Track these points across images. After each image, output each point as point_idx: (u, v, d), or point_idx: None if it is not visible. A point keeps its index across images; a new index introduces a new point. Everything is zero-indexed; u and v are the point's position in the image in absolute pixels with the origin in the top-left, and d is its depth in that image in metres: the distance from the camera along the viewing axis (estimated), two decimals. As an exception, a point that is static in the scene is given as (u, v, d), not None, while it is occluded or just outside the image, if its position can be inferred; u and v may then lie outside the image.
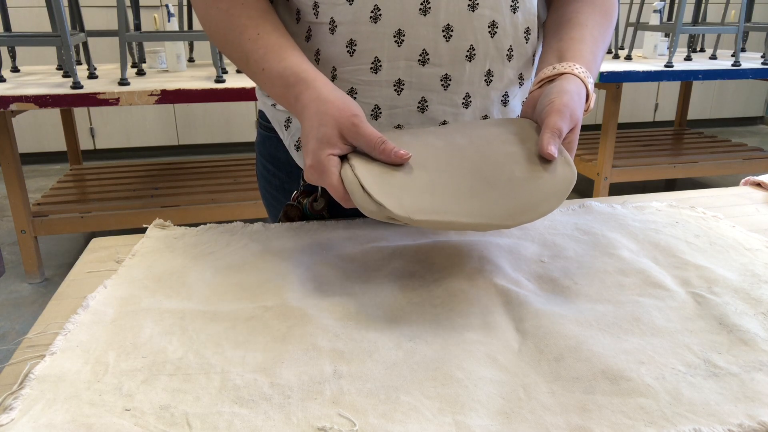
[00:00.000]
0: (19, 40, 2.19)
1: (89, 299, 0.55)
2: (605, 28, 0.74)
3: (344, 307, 0.54)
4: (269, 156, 0.83)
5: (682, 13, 2.54)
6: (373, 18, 0.66)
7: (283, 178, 0.82)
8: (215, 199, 2.45)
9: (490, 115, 0.73)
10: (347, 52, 0.68)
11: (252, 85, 2.08)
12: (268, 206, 0.88)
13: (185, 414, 0.41)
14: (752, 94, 4.86)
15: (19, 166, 2.22)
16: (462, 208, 0.54)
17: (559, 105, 0.61)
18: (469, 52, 0.68)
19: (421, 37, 0.66)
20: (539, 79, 0.67)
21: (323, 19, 0.68)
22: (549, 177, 0.57)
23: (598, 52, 0.71)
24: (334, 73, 0.70)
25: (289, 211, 0.77)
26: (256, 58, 0.66)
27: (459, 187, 0.56)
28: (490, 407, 0.42)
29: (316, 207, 0.76)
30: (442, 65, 0.68)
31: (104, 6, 3.68)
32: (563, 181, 0.57)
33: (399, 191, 0.54)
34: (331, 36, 0.68)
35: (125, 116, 3.92)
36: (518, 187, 0.56)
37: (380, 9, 0.65)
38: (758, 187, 0.89)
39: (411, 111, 0.70)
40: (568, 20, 0.72)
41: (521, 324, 0.51)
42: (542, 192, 0.56)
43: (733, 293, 0.57)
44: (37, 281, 2.36)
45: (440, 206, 0.54)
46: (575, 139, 0.63)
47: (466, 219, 0.53)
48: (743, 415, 0.41)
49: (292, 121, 0.76)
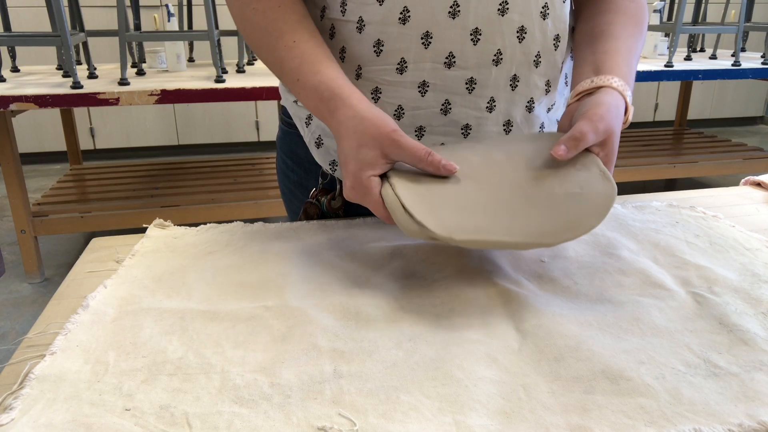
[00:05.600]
0: (19, 40, 2.19)
1: (89, 299, 0.55)
2: (638, 38, 0.73)
3: (344, 307, 0.54)
4: (289, 152, 0.84)
5: (682, 12, 2.54)
6: (402, 19, 0.66)
7: (301, 174, 0.83)
8: (215, 199, 2.45)
9: (513, 120, 0.72)
10: (374, 52, 0.68)
11: (252, 85, 2.09)
12: (286, 201, 0.89)
13: (185, 414, 0.41)
14: (752, 94, 4.86)
15: (19, 166, 2.22)
16: (502, 226, 0.54)
17: (591, 114, 0.60)
18: (496, 57, 0.67)
19: (449, 40, 0.66)
20: (577, 92, 0.67)
21: (351, 17, 0.68)
22: (589, 193, 0.57)
23: (633, 63, 0.70)
24: (358, 71, 0.70)
25: (309, 209, 0.79)
26: (291, 67, 0.65)
27: (499, 205, 0.56)
28: (490, 407, 0.42)
29: (334, 205, 0.77)
30: (468, 68, 0.67)
31: (104, 6, 3.68)
32: (603, 197, 0.57)
33: (439, 211, 0.55)
34: (359, 35, 0.68)
35: (125, 116, 3.92)
36: (558, 205, 0.56)
37: (410, 11, 0.65)
38: (758, 187, 0.89)
39: (434, 113, 0.70)
40: (601, 32, 0.71)
41: (521, 324, 0.51)
42: (582, 209, 0.56)
43: (733, 293, 0.57)
44: (37, 281, 2.36)
45: (481, 225, 0.54)
46: (612, 151, 0.62)
47: (508, 238, 0.53)
48: (743, 415, 0.41)
49: (313, 118, 0.77)
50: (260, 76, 2.33)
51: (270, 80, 2.19)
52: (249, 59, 2.72)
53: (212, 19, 2.12)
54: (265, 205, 2.46)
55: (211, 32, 2.11)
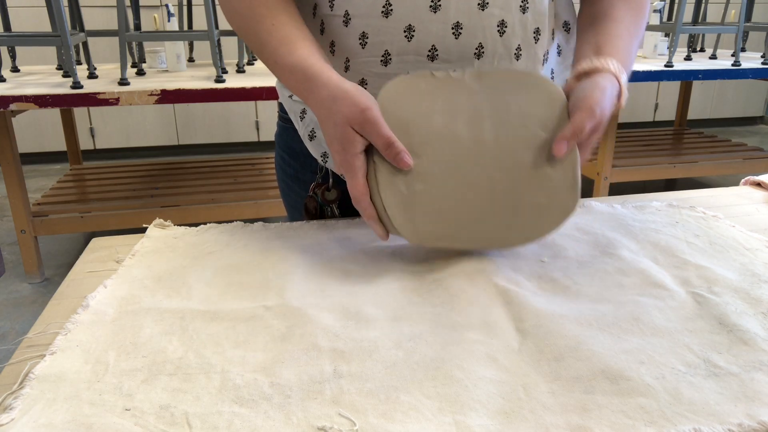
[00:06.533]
0: (19, 40, 2.19)
1: (89, 299, 0.55)
2: (639, 25, 0.75)
3: (344, 307, 0.54)
4: (285, 146, 0.86)
5: (682, 12, 2.54)
6: (385, 13, 0.67)
7: (297, 168, 0.85)
8: (215, 199, 2.45)
9: None
10: (359, 44, 0.70)
11: (251, 86, 2.09)
12: (283, 195, 0.92)
13: (185, 414, 0.41)
14: (752, 94, 4.86)
15: (19, 166, 2.22)
16: (468, 235, 0.62)
17: (591, 102, 0.61)
18: (478, 50, 0.69)
19: (431, 34, 0.67)
20: (577, 71, 0.68)
21: (338, 11, 0.70)
22: (552, 205, 0.62)
23: (633, 48, 0.72)
24: (347, 64, 0.72)
25: (308, 203, 0.82)
26: (270, 50, 0.68)
27: (471, 210, 0.62)
28: (490, 407, 0.42)
29: (329, 197, 0.80)
30: (451, 61, 0.69)
31: (104, 6, 3.68)
32: (564, 210, 0.62)
33: (416, 217, 0.61)
34: (345, 28, 0.70)
35: (125, 116, 3.92)
36: (522, 216, 0.62)
37: (392, 4, 0.67)
38: (758, 187, 0.89)
39: None
40: (604, 14, 0.73)
41: (521, 324, 0.51)
42: (542, 222, 0.62)
43: (733, 293, 0.57)
44: (37, 281, 2.36)
45: (449, 233, 0.62)
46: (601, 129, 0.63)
47: (469, 245, 0.62)
48: (743, 415, 0.41)
49: (307, 112, 0.79)
50: (260, 76, 2.33)
51: (270, 80, 2.19)
52: (249, 59, 2.72)
53: (212, 19, 2.12)
54: (265, 205, 2.46)
55: (211, 32, 2.11)
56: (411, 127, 0.62)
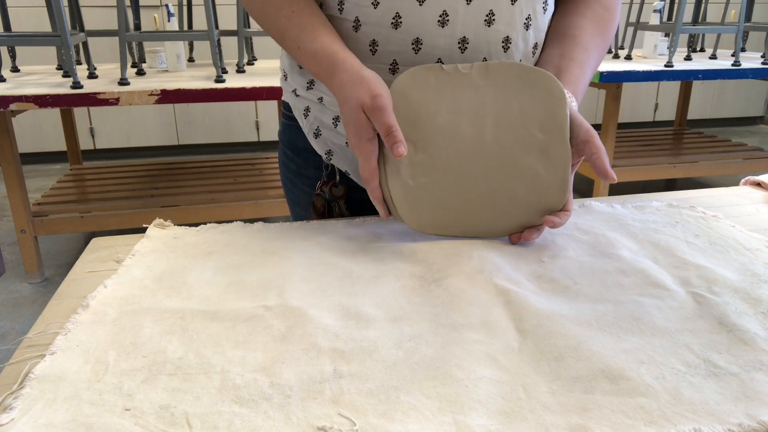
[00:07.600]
0: (19, 40, 2.19)
1: (89, 299, 0.55)
2: (601, 52, 0.78)
3: (344, 307, 0.54)
4: (289, 143, 0.88)
5: (682, 12, 2.54)
6: (394, 24, 0.69)
7: (299, 163, 0.87)
8: (215, 199, 2.45)
9: None
10: (369, 51, 0.71)
11: (251, 86, 2.09)
12: (286, 191, 0.93)
13: (185, 414, 0.41)
14: (752, 94, 4.86)
15: (19, 166, 2.22)
16: (464, 225, 0.68)
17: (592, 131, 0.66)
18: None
19: (438, 47, 0.70)
20: None
21: (347, 16, 0.71)
22: (540, 204, 0.66)
23: (588, 77, 0.75)
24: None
25: (315, 201, 0.83)
26: (291, 36, 0.70)
27: (468, 203, 0.67)
28: (490, 407, 0.42)
29: (336, 193, 0.82)
30: None
31: (104, 6, 3.68)
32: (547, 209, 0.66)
33: (420, 206, 0.67)
34: (355, 33, 0.71)
35: (125, 116, 3.92)
36: (513, 211, 0.67)
37: (401, 17, 0.68)
38: (758, 187, 0.89)
39: None
40: (572, 36, 0.75)
41: (521, 324, 0.52)
42: (529, 217, 0.67)
43: (733, 293, 0.57)
44: (37, 281, 2.36)
45: (448, 224, 0.68)
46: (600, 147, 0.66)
47: (462, 234, 0.69)
48: (743, 415, 0.41)
49: (311, 110, 0.80)
50: (260, 76, 2.33)
51: (270, 80, 2.19)
52: (249, 59, 2.72)
53: (212, 19, 2.12)
54: (265, 205, 2.46)
55: (211, 32, 2.11)
56: (419, 122, 0.66)
